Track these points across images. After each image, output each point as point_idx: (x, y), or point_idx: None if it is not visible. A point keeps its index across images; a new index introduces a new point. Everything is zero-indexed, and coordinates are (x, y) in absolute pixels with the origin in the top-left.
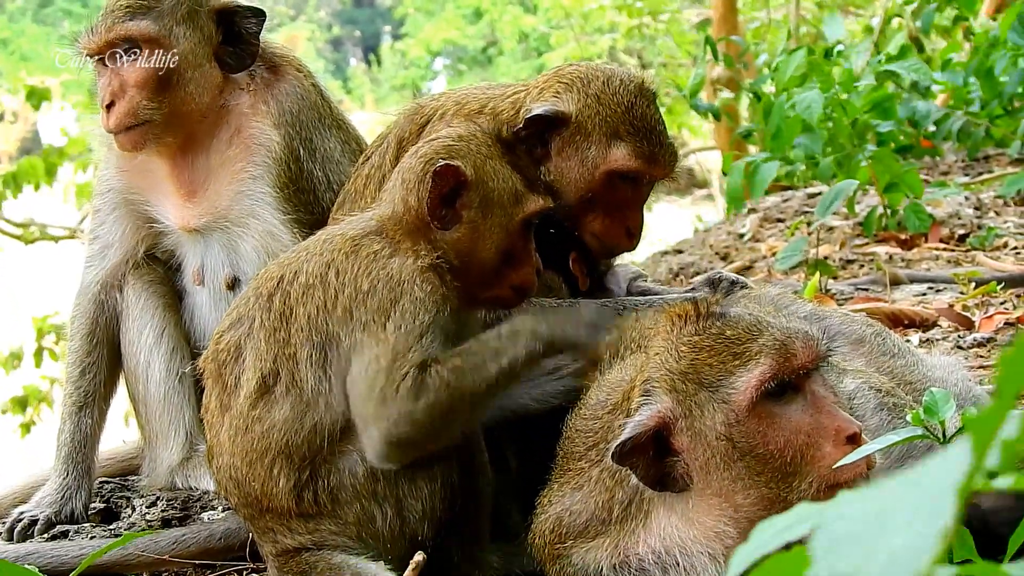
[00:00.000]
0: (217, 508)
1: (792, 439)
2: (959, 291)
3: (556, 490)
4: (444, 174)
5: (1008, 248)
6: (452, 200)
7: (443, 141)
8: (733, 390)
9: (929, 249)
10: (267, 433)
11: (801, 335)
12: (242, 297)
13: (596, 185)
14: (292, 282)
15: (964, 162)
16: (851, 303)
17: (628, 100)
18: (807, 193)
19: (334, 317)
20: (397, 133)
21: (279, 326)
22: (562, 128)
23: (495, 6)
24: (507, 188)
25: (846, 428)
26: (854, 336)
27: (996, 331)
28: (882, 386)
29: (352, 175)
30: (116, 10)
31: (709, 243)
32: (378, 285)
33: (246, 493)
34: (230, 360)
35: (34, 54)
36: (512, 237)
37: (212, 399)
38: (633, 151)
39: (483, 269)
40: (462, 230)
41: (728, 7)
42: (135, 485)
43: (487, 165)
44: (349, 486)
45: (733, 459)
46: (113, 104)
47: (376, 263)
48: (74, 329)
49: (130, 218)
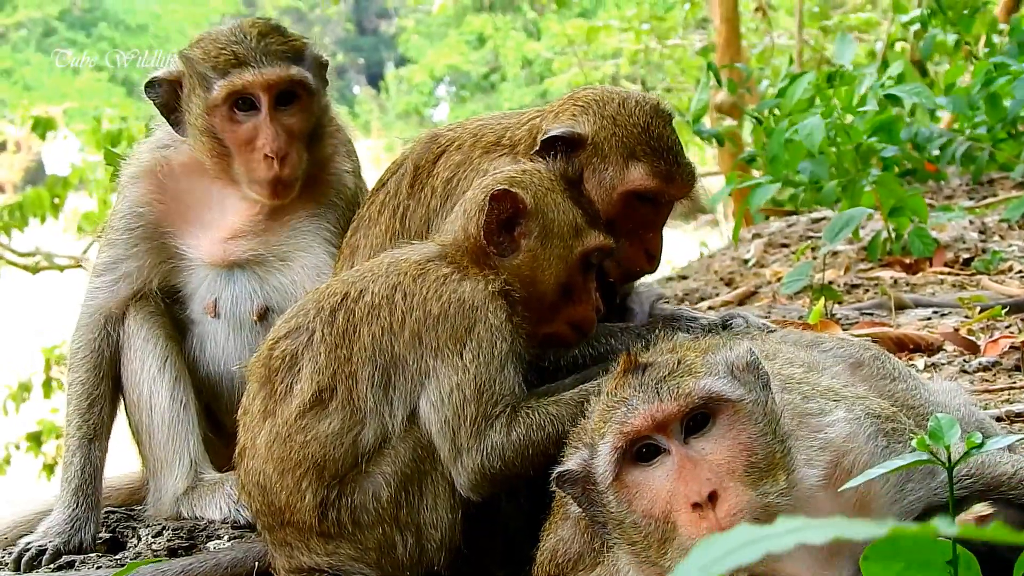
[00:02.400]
0: (223, 537)
1: (652, 507)
2: (964, 315)
3: (552, 521)
4: (501, 199)
5: (1013, 272)
6: (511, 227)
7: (506, 173)
8: (597, 461)
9: (934, 273)
10: (307, 444)
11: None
12: (300, 307)
13: (615, 207)
14: (357, 300)
15: (968, 186)
16: (856, 328)
17: (644, 120)
18: (811, 218)
19: (401, 340)
20: (413, 160)
21: (341, 343)
22: (579, 150)
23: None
24: (567, 220)
25: (691, 495)
26: (852, 360)
27: (1001, 355)
28: (881, 411)
29: (365, 201)
30: (270, 51)
31: (714, 269)
32: (450, 310)
33: (270, 502)
34: (283, 368)
35: (37, 83)
36: (571, 270)
37: (256, 402)
38: (651, 171)
39: (542, 301)
40: (521, 258)
41: (731, 32)
42: (141, 515)
43: (548, 197)
44: (372, 510)
45: (615, 525)
46: (285, 156)
47: (446, 286)
48: (78, 360)
49: (154, 252)
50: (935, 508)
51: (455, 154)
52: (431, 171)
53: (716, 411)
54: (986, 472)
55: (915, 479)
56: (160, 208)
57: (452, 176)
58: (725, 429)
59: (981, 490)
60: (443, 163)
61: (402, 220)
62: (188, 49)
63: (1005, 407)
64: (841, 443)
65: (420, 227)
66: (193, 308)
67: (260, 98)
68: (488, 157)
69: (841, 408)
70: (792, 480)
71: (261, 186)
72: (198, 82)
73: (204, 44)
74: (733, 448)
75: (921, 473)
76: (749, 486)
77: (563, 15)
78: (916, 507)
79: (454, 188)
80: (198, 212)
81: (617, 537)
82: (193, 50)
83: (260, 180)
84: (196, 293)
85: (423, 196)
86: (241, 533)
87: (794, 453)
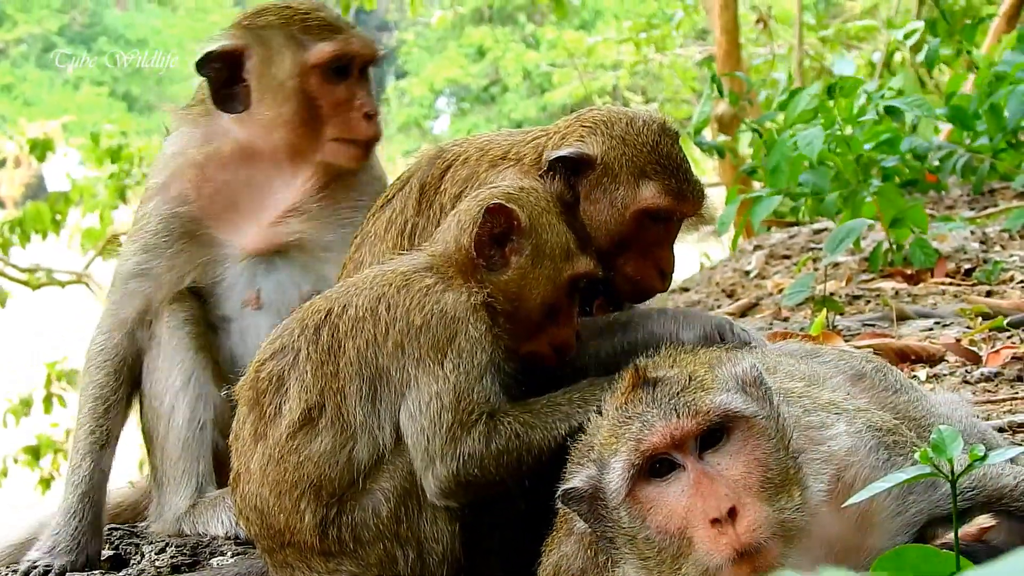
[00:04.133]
0: (227, 554)
1: (668, 523)
2: (966, 326)
3: (555, 537)
4: (496, 213)
5: (1014, 282)
6: (503, 242)
7: (503, 188)
8: (610, 477)
9: (935, 284)
10: (302, 464)
11: (655, 416)
12: (284, 327)
13: (627, 226)
14: (341, 315)
15: (969, 196)
16: (858, 339)
17: (653, 139)
18: (812, 229)
19: (384, 351)
20: (419, 177)
21: (327, 359)
22: (588, 171)
23: (498, 44)
24: (560, 243)
25: (710, 511)
26: (852, 371)
27: (1003, 365)
28: (883, 424)
29: (370, 217)
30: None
31: (715, 281)
32: (432, 320)
33: (269, 524)
34: (271, 389)
35: (37, 99)
36: (558, 292)
37: (246, 427)
38: (662, 188)
39: (527, 319)
40: (510, 274)
41: (731, 43)
42: (144, 531)
43: (543, 217)
44: (373, 526)
45: (625, 540)
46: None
47: (428, 297)
48: (98, 363)
49: (191, 250)
50: (938, 520)
51: (461, 169)
52: (438, 187)
53: (731, 427)
54: (989, 484)
55: (917, 491)
56: (199, 204)
57: (460, 192)
58: (740, 444)
59: (984, 502)
60: (450, 178)
61: (410, 238)
62: (251, 19)
63: (1007, 417)
64: (843, 456)
65: None
66: (231, 304)
67: (355, 64)
68: (494, 170)
69: (842, 422)
70: (805, 496)
71: (355, 146)
72: (285, 45)
73: (281, 13)
74: (749, 464)
75: (923, 485)
76: (766, 502)
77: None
78: (918, 519)
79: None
80: (242, 200)
81: (627, 553)
82: (262, 19)
83: (357, 139)
84: (235, 288)
85: (432, 214)
86: (244, 549)
87: (804, 469)
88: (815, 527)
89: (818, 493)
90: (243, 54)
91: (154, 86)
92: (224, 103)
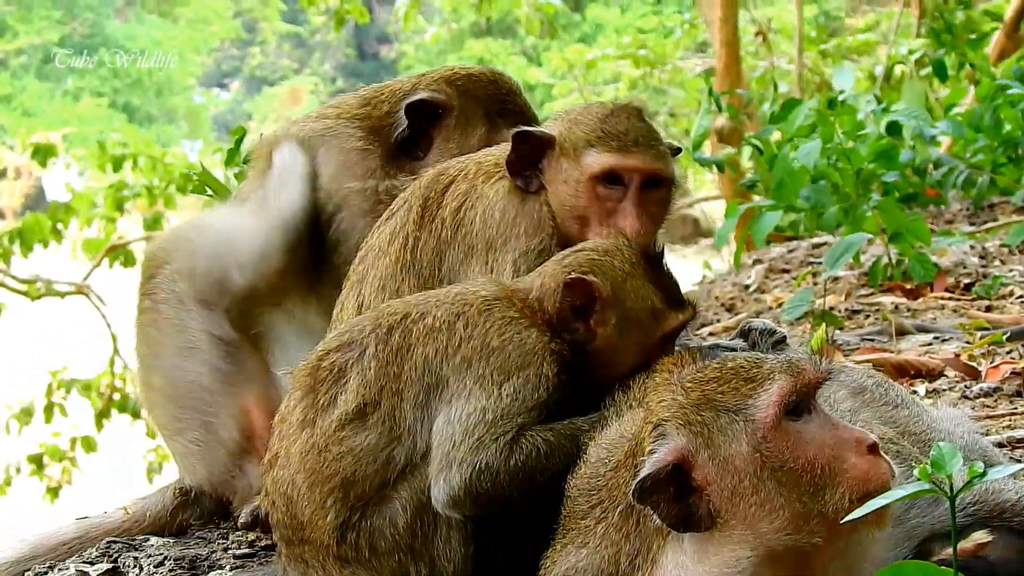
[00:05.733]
0: (225, 568)
1: (818, 452)
2: (965, 340)
3: (559, 550)
4: (576, 287)
5: (1014, 296)
6: (586, 314)
7: (588, 254)
8: (756, 408)
9: (935, 298)
10: (342, 456)
11: (805, 355)
12: (355, 324)
13: (582, 198)
14: (417, 322)
15: (969, 210)
16: (857, 353)
17: (603, 114)
18: (812, 243)
19: (451, 363)
20: (422, 192)
21: (393, 359)
22: (549, 152)
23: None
24: (646, 307)
25: (865, 439)
26: (854, 384)
27: (1003, 380)
28: (883, 436)
29: (374, 232)
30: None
31: (715, 295)
32: (509, 347)
33: (293, 514)
34: (330, 379)
35: (37, 110)
36: (649, 352)
37: (296, 411)
38: (604, 150)
39: (616, 374)
40: (596, 345)
41: (731, 57)
42: (142, 545)
43: (627, 283)
44: (389, 536)
45: (763, 479)
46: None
47: (512, 327)
48: None
49: None
50: (937, 535)
51: (462, 183)
52: (440, 202)
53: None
54: (990, 499)
55: (918, 505)
56: None
57: (460, 205)
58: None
59: (984, 517)
60: (451, 193)
61: (412, 251)
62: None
63: (1006, 433)
64: None
65: (432, 258)
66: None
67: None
68: (488, 182)
69: None
70: None
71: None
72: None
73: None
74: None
75: (925, 501)
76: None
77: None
78: (919, 532)
79: (463, 217)
80: None
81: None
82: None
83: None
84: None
85: (434, 228)
86: (243, 563)
87: None
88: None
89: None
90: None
91: (154, 98)
92: (406, 148)
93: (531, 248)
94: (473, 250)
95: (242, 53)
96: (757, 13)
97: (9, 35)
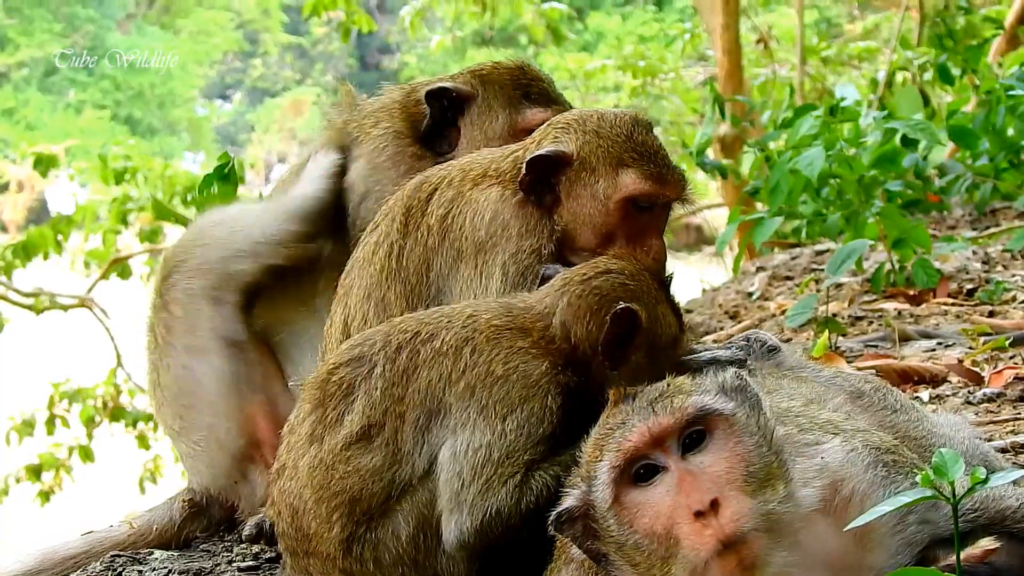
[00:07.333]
0: None
1: (654, 524)
2: (968, 346)
3: (553, 569)
4: (624, 317)
5: (1016, 302)
6: (626, 344)
7: (617, 278)
8: (596, 485)
9: (938, 304)
10: (348, 475)
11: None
12: (367, 337)
13: (612, 217)
14: (425, 343)
15: (971, 216)
16: (860, 360)
17: (626, 129)
18: (815, 250)
19: (454, 390)
20: (405, 201)
21: (398, 381)
22: (567, 169)
23: None
24: (670, 334)
25: (694, 504)
26: (852, 389)
27: (1006, 386)
28: (882, 443)
29: (360, 243)
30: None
31: (718, 302)
32: (513, 376)
33: (299, 526)
34: (338, 395)
35: (39, 123)
36: (662, 377)
37: (305, 424)
38: (642, 174)
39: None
40: (623, 371)
41: (733, 65)
42: (147, 558)
43: (656, 310)
44: (393, 549)
45: (616, 549)
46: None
47: (516, 356)
48: None
49: None
50: (940, 541)
51: (447, 191)
52: (425, 209)
53: (711, 427)
54: (991, 506)
55: (918, 511)
56: None
57: (447, 212)
58: (721, 443)
59: (986, 524)
60: (436, 200)
61: (398, 259)
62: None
63: (1009, 438)
64: (837, 468)
65: (419, 265)
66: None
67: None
68: (477, 188)
69: (838, 438)
70: (790, 490)
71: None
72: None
73: (511, 73)
74: (731, 459)
75: (925, 506)
76: (749, 495)
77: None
78: (919, 538)
79: (451, 223)
80: None
81: (620, 562)
82: (495, 74)
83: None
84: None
85: (419, 235)
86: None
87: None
88: (813, 539)
89: (812, 499)
90: (469, 100)
91: (156, 110)
92: (431, 141)
93: (522, 248)
94: (462, 254)
95: (244, 65)
96: (758, 20)
97: (11, 48)
